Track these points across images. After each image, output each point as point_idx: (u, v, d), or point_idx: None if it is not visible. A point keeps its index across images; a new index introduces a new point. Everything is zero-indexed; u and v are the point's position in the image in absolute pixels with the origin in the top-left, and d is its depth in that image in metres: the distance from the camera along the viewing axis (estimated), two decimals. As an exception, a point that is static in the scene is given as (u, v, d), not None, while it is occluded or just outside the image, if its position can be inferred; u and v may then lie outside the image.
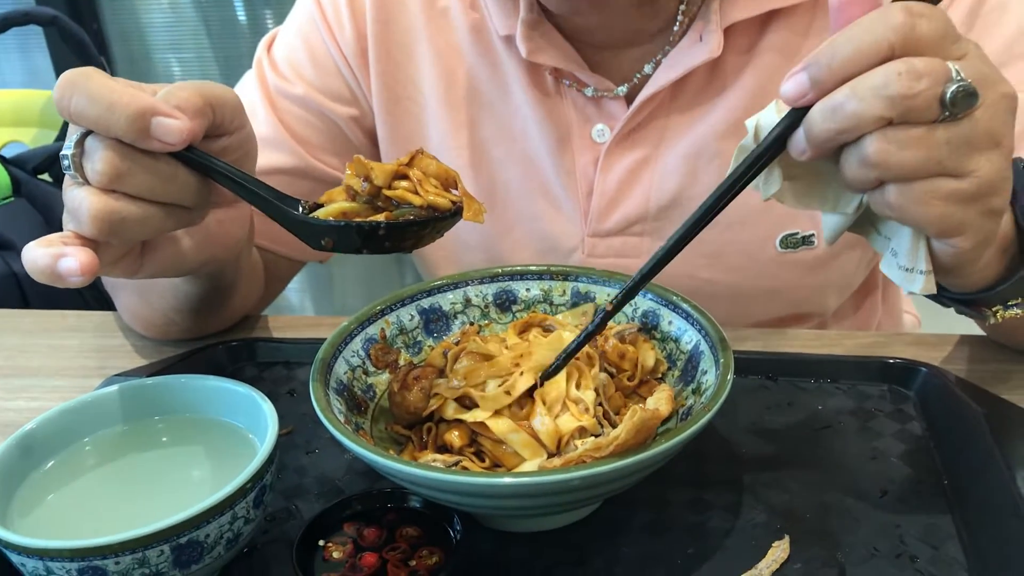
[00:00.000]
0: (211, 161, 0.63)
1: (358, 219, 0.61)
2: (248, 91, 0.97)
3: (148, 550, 0.52)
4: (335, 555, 0.59)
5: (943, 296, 0.69)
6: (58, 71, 2.40)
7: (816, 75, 0.53)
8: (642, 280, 0.62)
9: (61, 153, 0.62)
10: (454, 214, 0.62)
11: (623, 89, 0.89)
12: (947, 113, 0.52)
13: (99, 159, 0.60)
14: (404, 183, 0.62)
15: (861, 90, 0.52)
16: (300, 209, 0.63)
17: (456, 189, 0.64)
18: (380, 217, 0.61)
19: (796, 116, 0.55)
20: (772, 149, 0.57)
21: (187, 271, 0.77)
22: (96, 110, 0.59)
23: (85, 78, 0.60)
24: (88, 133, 0.62)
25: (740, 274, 0.92)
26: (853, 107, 0.52)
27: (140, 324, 0.91)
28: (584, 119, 0.91)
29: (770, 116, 0.58)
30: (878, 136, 0.53)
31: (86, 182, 0.62)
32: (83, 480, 0.62)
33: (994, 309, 0.67)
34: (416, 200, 0.61)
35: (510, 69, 0.91)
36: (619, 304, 0.63)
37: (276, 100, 0.96)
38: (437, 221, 0.62)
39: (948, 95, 0.51)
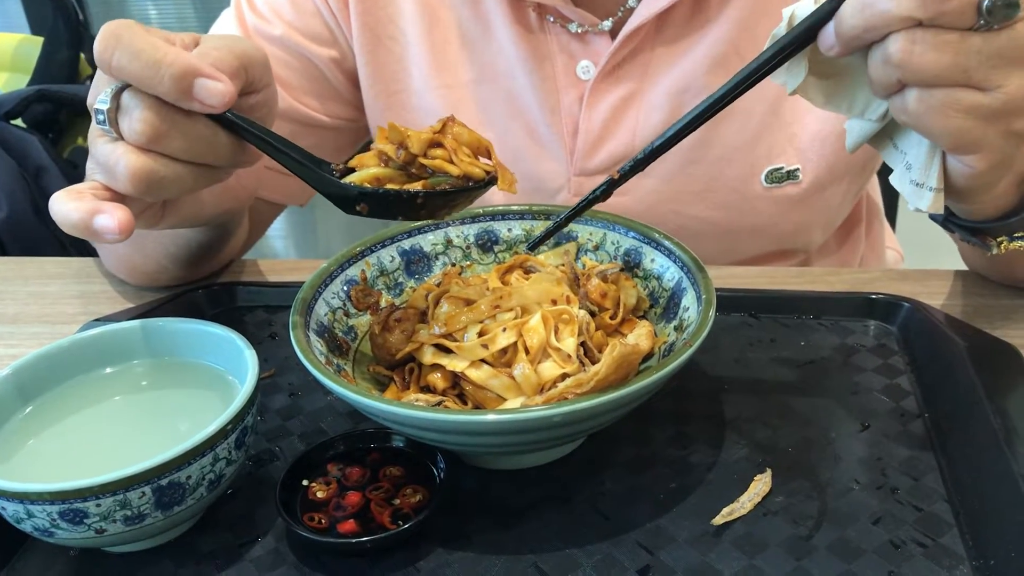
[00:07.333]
0: (246, 123, 0.62)
1: (396, 187, 0.61)
2: (226, 31, 0.95)
3: (129, 492, 0.52)
4: (319, 495, 0.60)
5: (950, 222, 0.68)
6: (29, 14, 2.34)
7: None
8: (652, 153, 0.61)
9: (95, 107, 0.60)
10: (488, 183, 0.62)
11: (608, 24, 0.88)
12: (983, 22, 0.51)
13: (138, 118, 0.59)
14: (439, 151, 0.62)
15: None
16: (332, 172, 0.63)
17: (487, 158, 0.64)
18: (417, 186, 0.61)
19: (830, 8, 0.55)
20: (802, 37, 0.57)
21: (203, 222, 0.78)
22: (138, 67, 0.57)
23: (129, 32, 0.58)
24: (124, 87, 0.60)
25: (726, 211, 0.92)
26: (883, 4, 0.52)
27: (127, 271, 0.90)
28: (569, 56, 0.89)
29: (806, 6, 0.57)
30: (904, 35, 0.52)
31: (120, 137, 0.60)
32: (63, 425, 0.62)
33: (999, 240, 0.66)
34: (453, 170, 0.61)
35: (492, 6, 0.90)
36: (627, 174, 0.62)
37: (255, 41, 0.94)
38: (471, 190, 0.62)
39: (987, 2, 0.50)
